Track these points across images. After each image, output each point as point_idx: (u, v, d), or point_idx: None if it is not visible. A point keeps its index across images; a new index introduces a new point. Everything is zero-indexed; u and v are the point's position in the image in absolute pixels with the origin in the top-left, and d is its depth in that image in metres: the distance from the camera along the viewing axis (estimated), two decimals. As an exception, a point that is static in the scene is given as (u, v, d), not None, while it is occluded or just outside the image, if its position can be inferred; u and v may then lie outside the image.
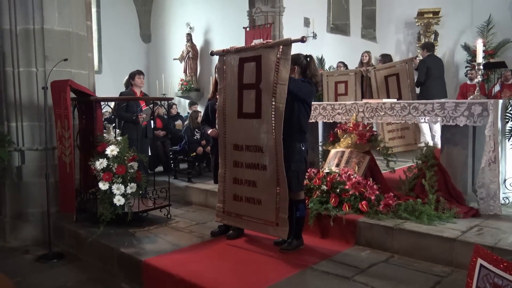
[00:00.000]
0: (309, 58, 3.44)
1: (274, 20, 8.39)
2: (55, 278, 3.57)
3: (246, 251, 3.46)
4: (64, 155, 4.17)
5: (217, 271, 3.06)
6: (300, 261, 3.21)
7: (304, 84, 3.34)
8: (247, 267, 3.15)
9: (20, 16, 4.43)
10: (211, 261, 3.26)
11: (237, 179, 3.49)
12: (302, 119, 3.35)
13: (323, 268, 3.07)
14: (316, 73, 3.42)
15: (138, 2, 11.59)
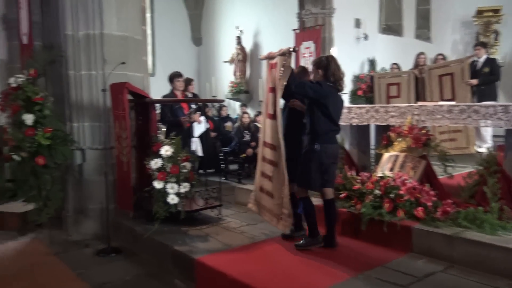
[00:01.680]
0: (329, 58, 3.52)
1: (324, 22, 8.30)
2: (114, 271, 3.73)
3: (298, 254, 3.45)
4: (121, 155, 4.35)
5: (268, 273, 3.07)
6: (353, 266, 3.15)
7: (312, 85, 3.40)
8: (299, 270, 3.13)
9: (82, 22, 4.67)
10: (263, 262, 3.28)
11: (263, 172, 3.81)
12: (315, 120, 3.43)
13: (377, 275, 3.00)
14: (335, 72, 3.45)
15: (190, 6, 11.88)
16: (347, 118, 4.75)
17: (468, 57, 6.65)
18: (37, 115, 4.32)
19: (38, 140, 4.24)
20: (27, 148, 4.23)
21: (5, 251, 4.30)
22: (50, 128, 4.33)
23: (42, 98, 4.38)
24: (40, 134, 4.25)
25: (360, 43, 9.10)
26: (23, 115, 4.26)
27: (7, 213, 5.00)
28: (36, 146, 4.25)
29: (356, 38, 9.06)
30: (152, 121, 4.64)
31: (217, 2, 11.38)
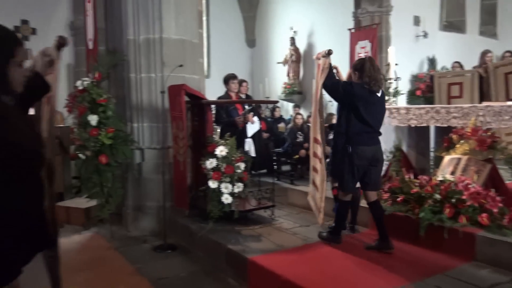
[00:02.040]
0: (365, 60, 3.52)
1: (381, 20, 8.07)
2: (170, 267, 3.85)
3: (352, 257, 3.38)
4: (178, 154, 4.49)
5: (322, 276, 3.04)
6: (411, 272, 3.04)
7: (344, 86, 3.48)
8: (353, 274, 3.07)
9: (143, 27, 4.86)
10: (316, 264, 3.25)
11: (314, 167, 3.91)
12: (348, 121, 3.49)
13: (437, 283, 2.86)
14: (370, 73, 3.42)
15: (244, 8, 12.02)
16: (405, 119, 4.58)
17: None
18: (101, 116, 4.56)
19: (101, 139, 4.47)
20: (91, 147, 4.48)
21: (70, 244, 4.58)
22: (112, 128, 4.55)
23: (105, 100, 4.62)
24: (103, 134, 4.48)
25: (419, 41, 8.76)
26: (88, 116, 4.51)
27: (73, 208, 5.32)
28: (99, 146, 4.49)
29: (415, 36, 8.73)
30: (208, 122, 4.74)
31: (271, 4, 11.42)
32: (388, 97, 5.58)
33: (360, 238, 3.87)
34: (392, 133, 4.87)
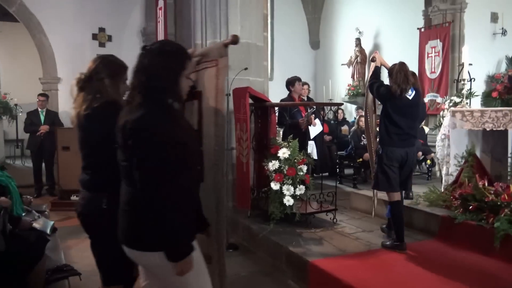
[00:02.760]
0: (395, 65, 3.69)
1: (454, 18, 7.64)
2: (231, 266, 3.90)
3: (417, 266, 3.24)
4: (241, 156, 4.57)
5: (385, 282, 2.95)
6: (481, 285, 2.85)
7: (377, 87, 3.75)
8: (418, 282, 2.94)
9: (210, 32, 5.02)
10: (378, 271, 3.16)
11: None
12: (380, 123, 3.76)
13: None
14: (397, 77, 3.59)
15: (309, 10, 11.97)
16: (479, 123, 4.30)
17: None
18: (168, 118, 4.77)
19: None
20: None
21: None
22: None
23: (173, 102, 4.82)
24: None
25: (496, 39, 8.19)
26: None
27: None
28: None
29: (492, 34, 8.18)
30: (271, 124, 4.78)
31: (336, 5, 11.27)
32: (460, 99, 5.28)
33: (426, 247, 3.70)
34: (464, 137, 4.60)
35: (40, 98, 7.10)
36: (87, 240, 2.27)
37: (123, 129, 1.69)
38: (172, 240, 1.66)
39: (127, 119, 1.68)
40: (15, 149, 10.40)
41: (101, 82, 2.10)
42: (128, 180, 1.73)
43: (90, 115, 2.06)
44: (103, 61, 2.17)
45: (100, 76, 2.11)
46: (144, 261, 1.79)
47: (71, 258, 3.97)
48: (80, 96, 2.13)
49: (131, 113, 1.69)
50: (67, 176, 6.29)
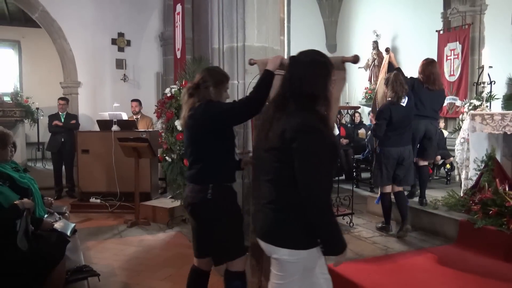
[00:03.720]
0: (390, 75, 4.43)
1: (474, 20, 7.53)
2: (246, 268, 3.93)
3: (433, 271, 3.20)
4: (257, 159, 4.59)
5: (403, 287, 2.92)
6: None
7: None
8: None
9: (227, 36, 5.05)
10: (396, 276, 3.13)
11: None
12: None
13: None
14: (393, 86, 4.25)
15: (325, 14, 11.95)
16: (499, 126, 4.23)
17: None
18: (186, 121, 4.83)
19: (186, 143, 4.73)
20: (177, 150, 4.75)
21: (156, 242, 4.88)
22: (196, 132, 4.79)
23: (191, 106, 4.87)
24: (188, 138, 4.73)
25: (517, 42, 8.02)
26: (176, 121, 4.80)
27: (159, 208, 5.67)
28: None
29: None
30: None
31: (353, 8, 11.22)
32: (480, 102, 5.20)
33: (445, 252, 3.64)
34: (484, 141, 4.52)
35: (60, 102, 7.26)
36: (105, 241, 2.33)
37: (283, 133, 1.81)
38: (336, 235, 1.82)
39: (286, 124, 1.82)
40: (36, 152, 10.65)
41: (207, 89, 2.46)
42: (277, 180, 1.86)
43: (193, 114, 2.42)
44: (209, 72, 2.54)
45: (206, 85, 2.46)
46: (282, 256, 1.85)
47: (90, 259, 4.05)
48: (189, 101, 2.49)
49: (288, 118, 1.84)
50: (87, 178, 6.42)
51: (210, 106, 2.41)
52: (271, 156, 1.87)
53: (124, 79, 8.55)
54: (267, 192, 1.90)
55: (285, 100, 1.89)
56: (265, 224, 1.90)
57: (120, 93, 8.26)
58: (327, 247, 1.84)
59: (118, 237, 5.00)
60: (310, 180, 1.75)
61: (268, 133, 1.89)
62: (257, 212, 1.99)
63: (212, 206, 2.39)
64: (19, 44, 12.41)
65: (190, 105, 2.47)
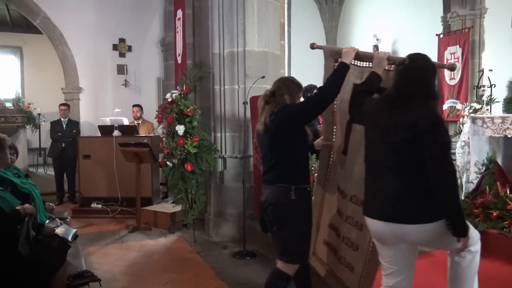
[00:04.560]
0: None
1: (474, 24, 7.55)
2: (248, 274, 3.94)
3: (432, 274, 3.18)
4: (258, 163, 4.58)
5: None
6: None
7: None
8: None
9: (227, 41, 5.07)
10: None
11: None
12: None
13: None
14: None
15: (326, 18, 11.99)
16: (500, 129, 4.22)
17: None
18: (187, 126, 4.84)
19: (187, 148, 4.74)
20: (178, 155, 4.76)
21: (157, 246, 4.88)
22: (197, 138, 4.80)
23: (192, 111, 4.89)
24: (189, 143, 4.75)
25: (517, 45, 8.03)
26: (176, 126, 4.81)
27: (160, 212, 5.67)
28: (185, 154, 4.76)
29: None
30: (287, 131, 4.79)
31: (354, 12, 11.26)
32: (480, 105, 5.20)
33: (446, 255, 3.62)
34: (485, 144, 4.52)
35: (61, 108, 7.30)
36: (106, 247, 2.34)
37: (413, 126, 2.05)
38: (463, 216, 2.07)
39: (416, 118, 2.06)
40: (38, 157, 10.67)
41: (282, 97, 2.65)
42: (405, 167, 2.10)
43: (274, 118, 2.59)
44: (283, 81, 2.75)
45: (281, 93, 2.66)
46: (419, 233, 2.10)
47: (91, 265, 4.06)
48: (266, 108, 2.67)
49: (416, 113, 2.08)
50: (88, 184, 6.43)
51: (287, 107, 2.61)
52: (398, 147, 2.11)
53: (125, 84, 8.57)
54: (392, 180, 2.13)
55: (405, 98, 2.14)
56: (406, 210, 2.09)
57: (121, 99, 8.28)
58: (457, 227, 2.03)
59: (119, 242, 5.00)
60: (445, 165, 2.01)
61: (389, 127, 2.13)
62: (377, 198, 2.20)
63: (295, 206, 2.58)
64: (21, 50, 12.48)
65: (269, 111, 2.64)
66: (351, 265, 2.78)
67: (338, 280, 2.94)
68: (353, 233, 2.76)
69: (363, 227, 2.62)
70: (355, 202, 2.73)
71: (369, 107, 2.35)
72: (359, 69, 2.78)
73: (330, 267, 3.04)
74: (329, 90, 2.60)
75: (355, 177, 2.71)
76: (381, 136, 2.18)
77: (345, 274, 2.85)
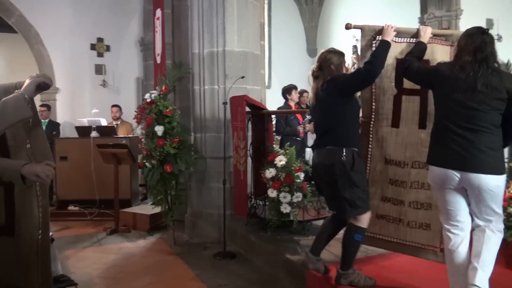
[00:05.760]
0: None
1: (450, 25, 7.70)
2: (229, 275, 3.92)
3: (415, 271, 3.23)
4: (239, 164, 4.58)
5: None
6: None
7: None
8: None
9: (207, 41, 5.04)
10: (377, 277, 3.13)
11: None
12: None
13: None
14: None
15: (306, 19, 12.06)
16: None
17: None
18: (166, 127, 4.79)
19: (166, 149, 4.69)
20: (157, 156, 4.71)
21: (136, 249, 4.82)
22: (177, 138, 4.76)
23: (171, 111, 4.84)
24: (169, 144, 4.70)
25: (492, 45, 8.23)
26: (155, 126, 4.75)
27: (139, 214, 5.60)
28: (164, 155, 4.70)
29: (488, 41, 8.22)
30: (269, 132, 4.79)
31: (333, 13, 11.37)
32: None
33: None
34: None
35: (41, 109, 7.13)
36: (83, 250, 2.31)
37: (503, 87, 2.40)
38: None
39: (505, 80, 2.42)
40: (14, 159, 10.40)
41: (329, 68, 2.93)
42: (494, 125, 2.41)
43: (326, 87, 2.87)
44: (325, 55, 3.01)
45: (327, 64, 2.95)
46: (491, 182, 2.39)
47: (68, 269, 3.98)
48: (315, 82, 2.96)
49: (502, 75, 2.44)
50: (65, 186, 6.30)
51: (336, 78, 2.88)
52: (489, 106, 2.38)
53: (104, 84, 8.44)
54: (482, 137, 2.39)
55: (484, 61, 2.44)
56: (484, 162, 2.38)
57: (99, 99, 8.15)
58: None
59: (97, 245, 4.92)
60: None
61: (477, 87, 2.38)
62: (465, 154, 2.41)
63: (349, 165, 2.78)
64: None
65: (319, 83, 2.91)
66: (425, 223, 3.05)
67: (405, 244, 3.14)
68: (422, 195, 3.03)
69: (431, 186, 2.82)
70: (417, 166, 3.03)
71: (450, 71, 2.53)
72: (399, 45, 3.07)
73: (389, 238, 3.20)
74: (376, 63, 2.82)
75: (413, 144, 3.03)
76: (470, 97, 2.41)
77: (418, 235, 3.08)
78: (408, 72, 2.79)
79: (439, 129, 2.56)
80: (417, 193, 3.05)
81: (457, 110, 2.44)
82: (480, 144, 2.38)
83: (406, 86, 3.02)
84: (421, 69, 2.73)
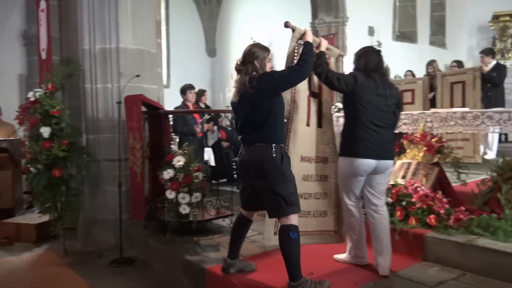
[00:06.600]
0: None
1: (338, 31, 8.34)
2: (126, 282, 3.77)
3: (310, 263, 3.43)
4: (135, 165, 4.43)
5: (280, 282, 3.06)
6: (361, 275, 3.12)
7: None
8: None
9: (99, 37, 4.79)
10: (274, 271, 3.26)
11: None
12: None
13: (387, 284, 2.96)
14: None
15: (204, 18, 12.09)
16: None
17: (480, 67, 6.64)
18: (54, 128, 4.43)
19: (54, 152, 4.34)
20: (43, 160, 4.34)
21: (20, 263, 4.39)
22: (66, 140, 4.43)
23: (59, 111, 4.49)
24: (57, 147, 4.35)
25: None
26: (41, 128, 4.37)
27: (24, 225, 5.10)
28: (52, 158, 4.36)
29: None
30: (166, 132, 4.71)
31: (231, 14, 11.55)
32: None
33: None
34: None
35: None
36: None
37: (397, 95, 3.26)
38: None
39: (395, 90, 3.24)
40: None
41: (252, 63, 2.91)
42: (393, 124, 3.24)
43: (255, 85, 2.83)
44: (249, 49, 2.98)
45: (250, 59, 2.93)
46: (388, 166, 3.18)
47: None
48: (238, 78, 2.94)
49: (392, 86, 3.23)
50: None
51: (269, 74, 2.89)
52: (391, 109, 3.11)
53: (-21, 82, 7.55)
54: (387, 132, 3.11)
55: (384, 75, 3.15)
56: (390, 151, 3.17)
57: (-26, 98, 7.27)
58: None
59: (-27, 262, 4.39)
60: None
61: (386, 94, 3.08)
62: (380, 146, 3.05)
63: (276, 162, 2.82)
64: None
65: (241, 80, 2.89)
66: (323, 211, 3.41)
67: (310, 234, 3.36)
68: (320, 186, 3.40)
69: (327, 177, 3.42)
70: (320, 161, 3.40)
71: (365, 81, 3.07)
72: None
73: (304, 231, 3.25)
74: (309, 61, 2.97)
75: (324, 141, 3.40)
76: (380, 101, 3.04)
77: (320, 223, 3.40)
78: (329, 80, 3.16)
79: (357, 126, 3.06)
80: (319, 185, 3.40)
81: (375, 112, 3.04)
82: (387, 138, 3.09)
83: (313, 89, 3.41)
84: (343, 77, 3.15)
